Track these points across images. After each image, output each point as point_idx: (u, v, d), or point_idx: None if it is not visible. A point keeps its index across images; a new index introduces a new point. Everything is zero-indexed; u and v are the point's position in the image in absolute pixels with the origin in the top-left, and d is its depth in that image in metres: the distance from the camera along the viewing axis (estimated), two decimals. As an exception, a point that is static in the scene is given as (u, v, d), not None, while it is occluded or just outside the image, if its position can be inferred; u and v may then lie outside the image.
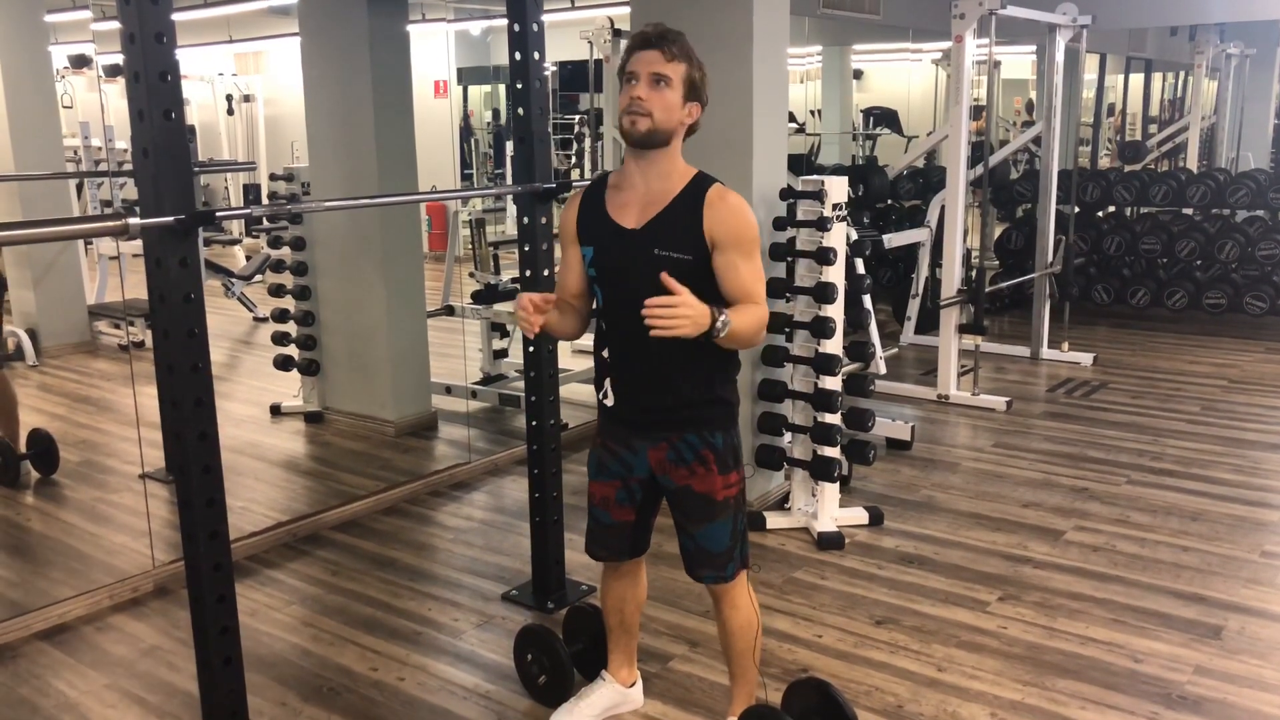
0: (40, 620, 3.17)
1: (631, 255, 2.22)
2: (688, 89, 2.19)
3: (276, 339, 5.35)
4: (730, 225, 2.18)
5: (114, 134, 6.31)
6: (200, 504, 2.31)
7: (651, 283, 2.09)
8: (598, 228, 2.28)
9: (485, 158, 11.37)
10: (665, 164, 2.23)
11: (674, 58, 2.16)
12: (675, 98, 2.17)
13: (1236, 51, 9.85)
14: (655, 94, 2.15)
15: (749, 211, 2.22)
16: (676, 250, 2.18)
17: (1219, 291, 7.08)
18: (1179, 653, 2.95)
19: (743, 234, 2.19)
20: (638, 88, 2.16)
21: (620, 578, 2.56)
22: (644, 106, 2.15)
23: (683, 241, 2.18)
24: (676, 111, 2.18)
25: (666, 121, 2.17)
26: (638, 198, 2.24)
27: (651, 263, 2.17)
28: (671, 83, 2.16)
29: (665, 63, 2.16)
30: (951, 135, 5.59)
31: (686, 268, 2.15)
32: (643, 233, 2.22)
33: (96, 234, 2.30)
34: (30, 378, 5.77)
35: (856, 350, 4.30)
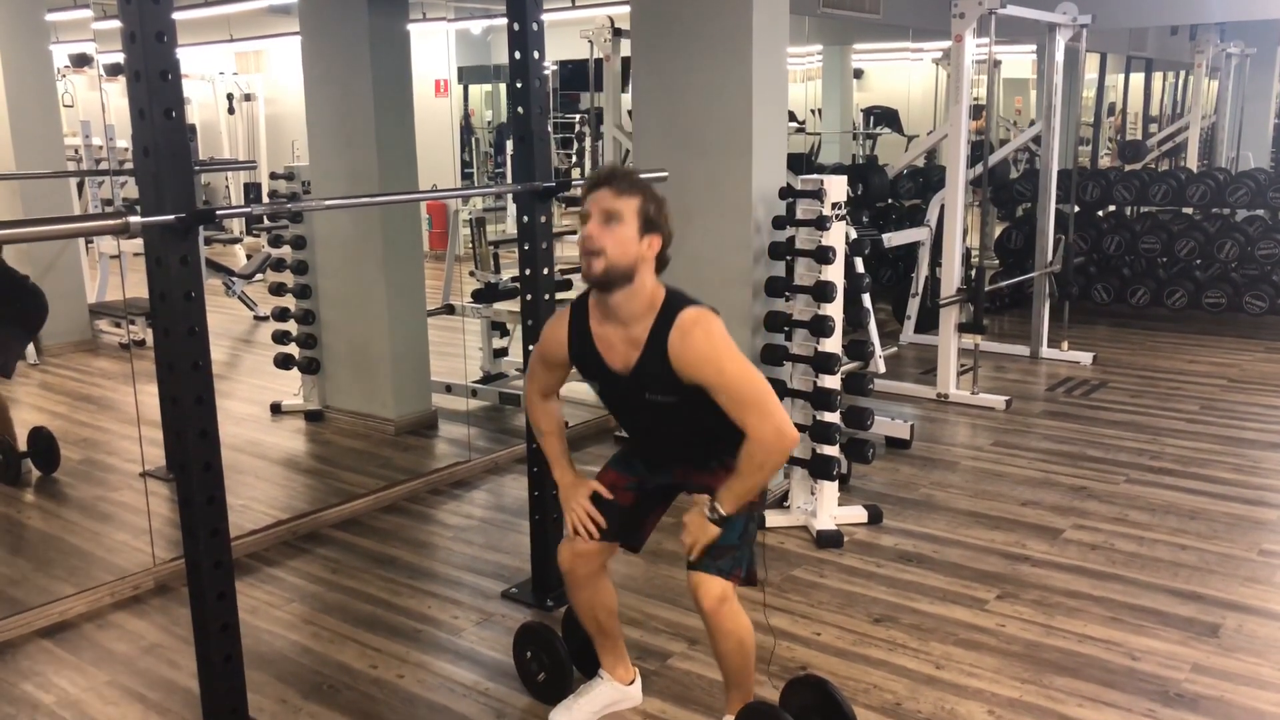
0: (41, 618, 3.18)
1: (627, 395, 2.32)
2: (643, 222, 2.17)
3: (277, 337, 5.36)
4: (697, 368, 2.17)
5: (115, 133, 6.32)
6: (201, 501, 2.32)
7: (654, 414, 2.30)
8: (592, 365, 2.34)
9: (486, 157, 11.38)
10: (634, 304, 2.21)
11: (624, 192, 2.16)
12: (629, 232, 2.16)
13: (1237, 51, 9.85)
14: (607, 231, 2.15)
15: (703, 344, 2.17)
16: (663, 394, 2.25)
17: (1219, 291, 7.09)
18: (1176, 650, 2.96)
19: (702, 371, 2.17)
20: (589, 226, 2.17)
21: (582, 587, 2.54)
22: (595, 244, 2.15)
23: (666, 386, 2.23)
24: (632, 246, 2.16)
25: (622, 258, 2.16)
26: (619, 337, 2.27)
27: (647, 404, 2.29)
28: (623, 217, 2.15)
29: (615, 198, 2.16)
30: (951, 134, 5.60)
31: (678, 406, 2.25)
32: (631, 379, 2.27)
33: (97, 232, 2.31)
34: (31, 376, 5.77)
35: (855, 349, 4.30)
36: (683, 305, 2.21)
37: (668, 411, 2.28)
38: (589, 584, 2.54)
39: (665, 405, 2.26)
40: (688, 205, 4.18)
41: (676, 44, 4.16)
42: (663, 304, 2.22)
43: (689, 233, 4.20)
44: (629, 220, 2.15)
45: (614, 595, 2.63)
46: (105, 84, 5.87)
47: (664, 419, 2.32)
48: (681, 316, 2.18)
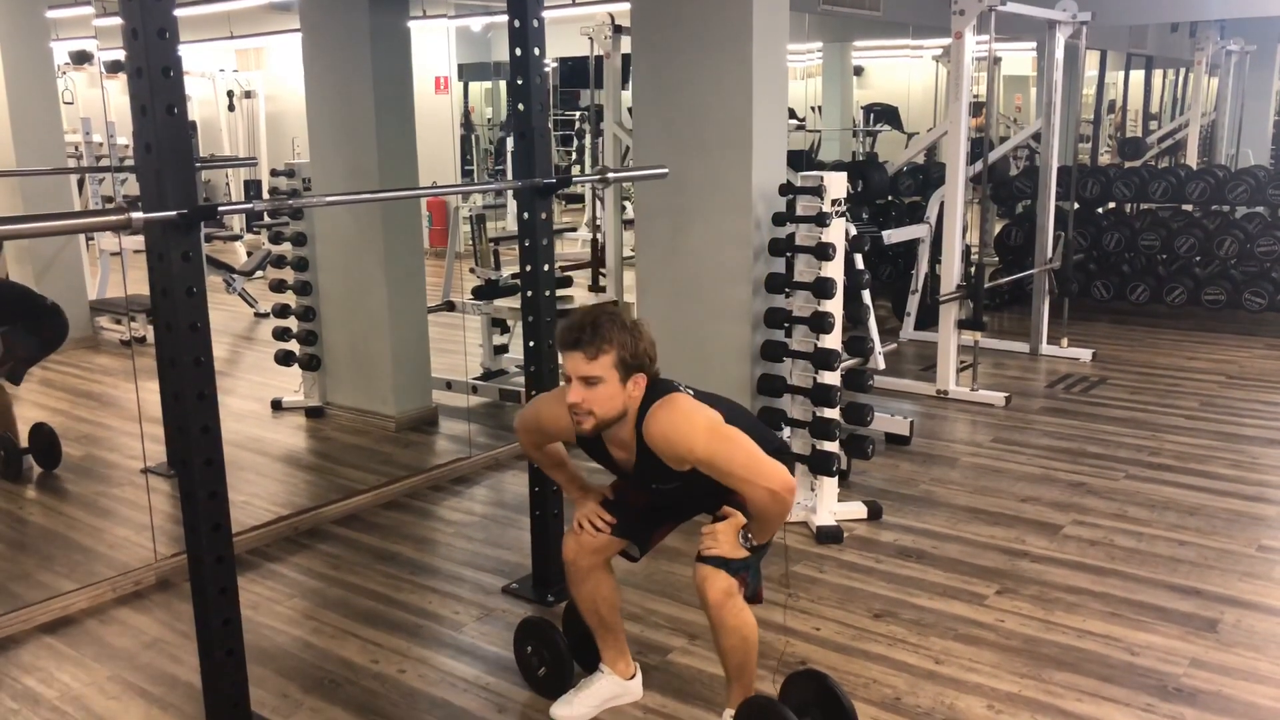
0: (43, 613, 3.19)
1: (638, 486, 2.45)
2: (623, 371, 2.22)
3: (277, 334, 5.37)
4: (677, 454, 2.24)
5: (116, 129, 6.32)
6: (203, 497, 2.33)
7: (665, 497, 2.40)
8: (600, 454, 2.44)
9: (486, 154, 11.37)
10: (623, 430, 2.30)
11: (597, 354, 2.20)
12: (612, 388, 2.22)
13: (1237, 48, 9.84)
14: (591, 394, 2.22)
15: (680, 435, 2.22)
16: (666, 483, 2.34)
17: (1218, 288, 7.09)
18: (1175, 646, 2.97)
19: (691, 456, 2.23)
20: (573, 392, 2.23)
21: (583, 581, 2.58)
22: (583, 409, 2.24)
23: (666, 476, 2.31)
24: (618, 398, 2.24)
25: (611, 410, 2.25)
26: (617, 441, 2.36)
27: (654, 493, 2.38)
28: (603, 378, 2.21)
29: (589, 363, 2.20)
30: (951, 131, 5.60)
31: (685, 486, 2.32)
32: (636, 475, 2.40)
33: (100, 228, 2.32)
34: (32, 373, 5.74)
35: (855, 345, 4.31)
36: (651, 401, 2.27)
37: (679, 493, 2.39)
38: (591, 577, 2.56)
39: (673, 490, 2.37)
40: (688, 202, 4.19)
41: (677, 41, 4.16)
42: (640, 407, 2.29)
43: (689, 230, 4.22)
44: (609, 377, 2.22)
45: (616, 589, 2.65)
46: (106, 81, 5.87)
47: (678, 497, 2.44)
48: (649, 414, 2.26)
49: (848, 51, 10.01)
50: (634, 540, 2.58)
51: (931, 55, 9.96)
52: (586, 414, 2.24)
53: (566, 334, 2.23)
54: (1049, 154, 6.29)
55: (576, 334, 2.21)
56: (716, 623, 2.35)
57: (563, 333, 2.24)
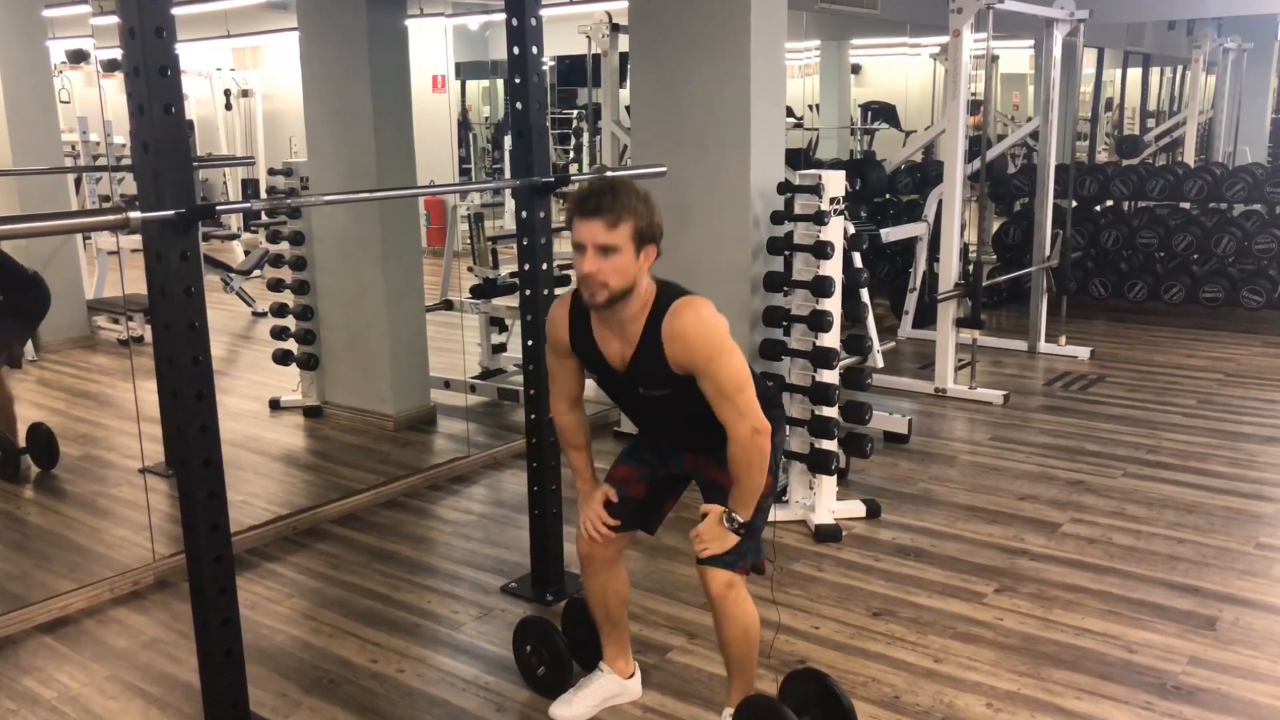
0: (41, 613, 3.18)
1: (625, 390, 2.37)
2: (638, 242, 2.18)
3: (275, 333, 5.36)
4: (683, 358, 2.21)
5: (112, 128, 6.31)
6: (201, 496, 2.33)
7: (650, 406, 2.36)
8: (590, 356, 2.37)
9: (483, 153, 11.36)
10: (631, 307, 2.24)
11: (616, 223, 2.14)
12: (627, 258, 2.17)
13: (1234, 46, 9.85)
14: (606, 264, 2.16)
15: (698, 332, 2.19)
16: (657, 389, 2.29)
17: (1216, 285, 7.10)
18: (1174, 644, 2.97)
19: (694, 360, 2.20)
20: (587, 261, 2.16)
21: (597, 573, 2.58)
22: (598, 279, 2.17)
23: (659, 380, 2.27)
24: (632, 268, 2.19)
25: (624, 282, 2.19)
26: (616, 334, 2.30)
27: (642, 397, 2.33)
28: (620, 248, 2.15)
29: (608, 232, 2.14)
30: (949, 130, 5.60)
31: (672, 396, 2.28)
32: (626, 374, 2.32)
33: (98, 228, 2.31)
34: (29, 373, 5.77)
35: (854, 344, 4.31)
36: (674, 296, 2.24)
37: (663, 403, 2.33)
38: (606, 570, 2.58)
39: (660, 399, 2.31)
40: (686, 201, 4.19)
41: (675, 39, 4.16)
42: (654, 300, 2.24)
43: (687, 228, 4.22)
44: (625, 248, 2.16)
45: (627, 585, 2.66)
46: (102, 80, 5.86)
47: (661, 410, 2.37)
48: (673, 306, 2.22)
49: (845, 49, 10.01)
50: (643, 526, 2.59)
51: (929, 53, 9.96)
52: (601, 285, 2.15)
53: (585, 201, 2.15)
54: (1047, 152, 6.29)
55: (597, 201, 2.13)
56: (719, 613, 2.37)
57: (580, 201, 2.16)
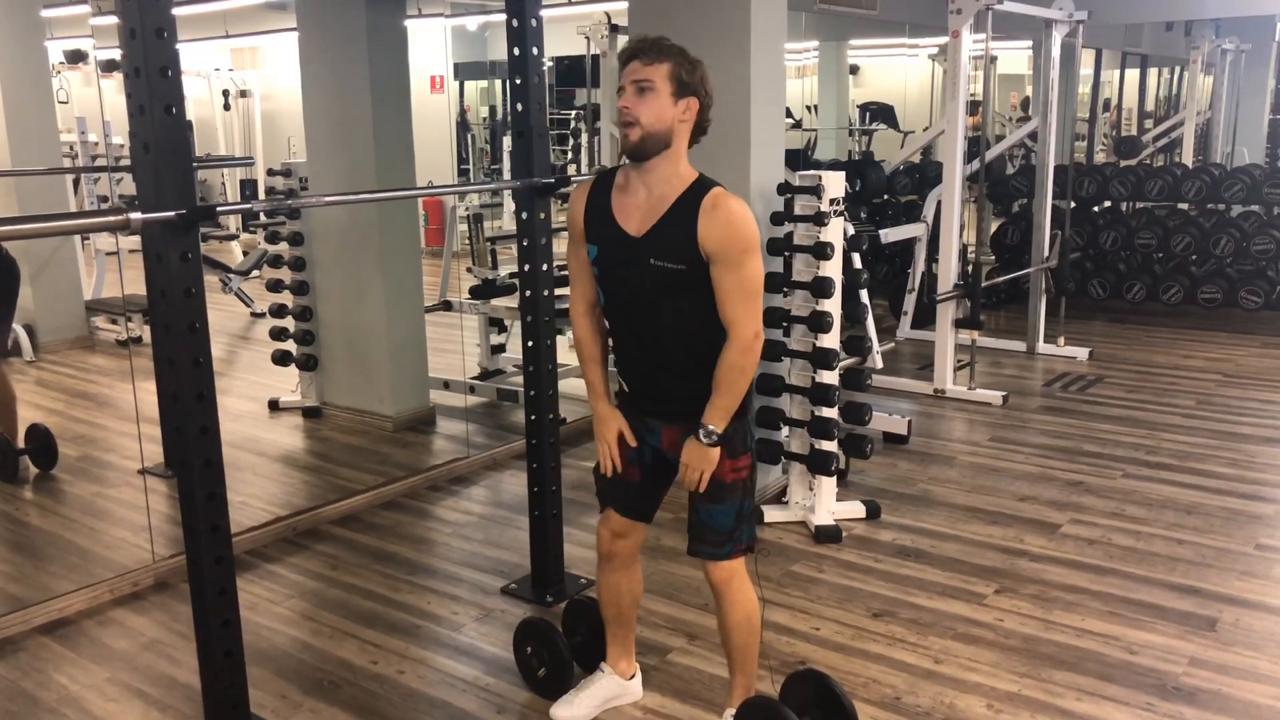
0: (41, 614, 3.18)
1: (631, 261, 2.26)
2: (676, 86, 2.18)
3: (274, 334, 5.35)
4: (719, 236, 2.16)
5: (111, 129, 6.30)
6: (201, 498, 2.33)
7: (648, 289, 2.24)
8: (602, 228, 2.30)
9: (481, 153, 11.36)
10: (666, 169, 2.22)
11: (654, 60, 2.16)
12: (663, 100, 2.17)
13: (1232, 47, 9.85)
14: (641, 101, 2.16)
15: (743, 220, 2.18)
16: (671, 261, 2.21)
17: (1214, 286, 7.11)
18: (1174, 644, 2.97)
19: (730, 246, 2.16)
20: (624, 98, 2.18)
21: (615, 570, 2.58)
22: (631, 114, 2.17)
23: (678, 252, 2.20)
24: (668, 112, 2.18)
25: (658, 124, 2.17)
26: (640, 203, 2.25)
27: (649, 271, 2.23)
28: (655, 86, 2.16)
29: (645, 68, 2.16)
30: (948, 130, 5.61)
31: (681, 277, 2.21)
32: (642, 241, 2.23)
33: (99, 229, 2.31)
34: (28, 373, 5.76)
35: (854, 345, 4.31)
36: (715, 184, 2.23)
37: (663, 289, 2.23)
38: (624, 567, 2.58)
39: (664, 280, 2.22)
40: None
41: (674, 39, 4.15)
42: (696, 180, 2.23)
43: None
44: (661, 87, 2.17)
45: (642, 586, 2.66)
46: (101, 80, 5.85)
47: (656, 303, 2.26)
48: (716, 190, 2.21)
49: (844, 50, 10.01)
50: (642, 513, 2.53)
51: (927, 54, 9.96)
52: (633, 122, 2.16)
53: (629, 46, 2.21)
54: (1045, 153, 6.29)
55: (639, 43, 2.19)
56: (722, 598, 2.38)
57: (626, 47, 2.22)
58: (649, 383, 2.39)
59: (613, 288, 2.33)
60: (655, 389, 2.38)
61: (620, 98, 2.20)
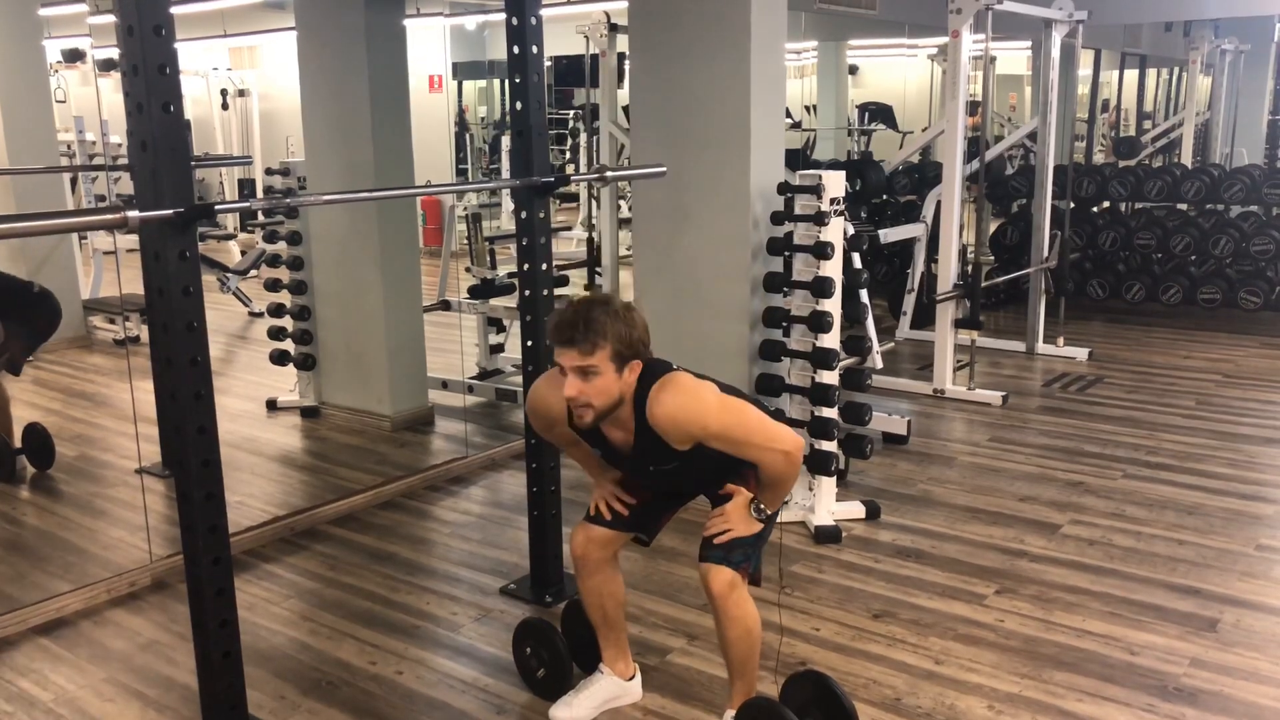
0: (37, 615, 3.16)
1: (635, 468, 2.43)
2: (618, 361, 2.20)
3: (272, 334, 5.34)
4: (683, 435, 2.24)
5: (109, 128, 6.28)
6: (199, 498, 2.32)
7: (662, 479, 2.41)
8: (594, 439, 2.40)
9: (480, 153, 11.35)
10: (622, 412, 2.28)
11: (592, 350, 2.16)
12: (608, 379, 2.20)
13: (1231, 47, 9.86)
14: (588, 387, 2.19)
15: (685, 410, 2.22)
16: (666, 464, 2.31)
17: (1214, 286, 7.10)
18: (1175, 645, 2.97)
19: (694, 434, 2.23)
20: (568, 385, 2.20)
21: (591, 575, 2.58)
22: (581, 401, 2.21)
23: (666, 457, 2.29)
24: (615, 387, 2.21)
25: (609, 400, 2.22)
26: (614, 424, 2.31)
27: (655, 474, 2.37)
28: (598, 369, 2.18)
29: (584, 358, 2.17)
30: (948, 130, 5.60)
31: (683, 468, 2.32)
32: (635, 456, 2.36)
33: (96, 227, 2.30)
34: (25, 373, 5.72)
35: (853, 345, 4.30)
36: (651, 382, 2.25)
37: (676, 472, 2.36)
38: (600, 571, 2.57)
39: (672, 470, 2.34)
40: (686, 201, 4.18)
41: (674, 39, 4.15)
42: (635, 389, 2.26)
43: (687, 229, 4.21)
44: (605, 368, 2.19)
45: (623, 587, 2.65)
46: (99, 79, 5.84)
47: (675, 478, 2.42)
48: (650, 396, 2.24)
49: (843, 50, 10.00)
50: (642, 530, 2.60)
51: (926, 54, 9.95)
52: (584, 406, 2.21)
53: (559, 332, 2.19)
54: (1045, 153, 6.29)
55: (570, 333, 2.17)
56: (721, 613, 2.37)
57: (555, 330, 2.20)
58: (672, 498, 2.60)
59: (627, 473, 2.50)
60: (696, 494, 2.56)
61: (562, 374, 2.21)
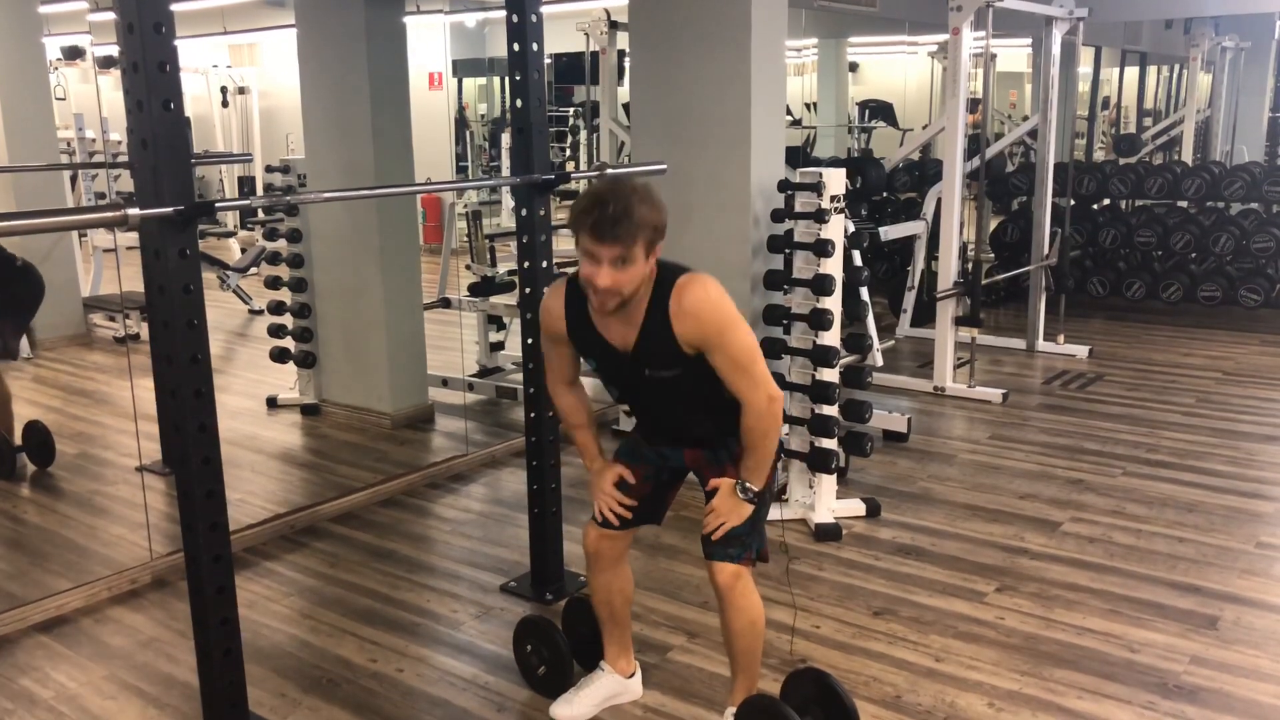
0: (38, 612, 3.17)
1: (629, 373, 2.32)
2: (648, 247, 2.15)
3: (273, 331, 5.35)
4: (693, 330, 2.18)
5: (109, 125, 6.28)
6: (200, 496, 2.32)
7: (654, 389, 2.32)
8: (590, 341, 2.33)
9: (480, 150, 11.35)
10: (633, 301, 2.22)
11: (632, 241, 2.10)
12: (639, 266, 2.15)
13: (1232, 45, 9.85)
14: (623, 275, 2.13)
15: (709, 304, 2.18)
16: (665, 369, 2.25)
17: (1214, 284, 7.10)
18: (1175, 643, 2.97)
19: (706, 335, 2.19)
20: (602, 275, 2.11)
21: (603, 571, 2.57)
22: (614, 290, 2.14)
23: (667, 360, 2.24)
24: (643, 269, 2.16)
25: (637, 284, 2.17)
26: (618, 318, 2.25)
27: (649, 379, 2.29)
28: (634, 258, 2.12)
29: (625, 248, 2.10)
30: (949, 128, 5.60)
31: (680, 378, 2.26)
32: (632, 356, 2.28)
33: (96, 224, 2.30)
34: (25, 370, 5.75)
35: (854, 342, 4.30)
36: (676, 275, 2.23)
37: (668, 386, 2.29)
38: (612, 567, 2.57)
39: (666, 380, 2.27)
40: (686, 199, 4.18)
41: (674, 37, 4.15)
42: (656, 280, 2.22)
43: (688, 226, 4.21)
44: (637, 257, 2.13)
45: (632, 584, 2.65)
46: (99, 76, 5.84)
47: (664, 394, 2.34)
48: (678, 285, 2.20)
49: (843, 47, 10.00)
50: (649, 520, 2.57)
51: (927, 52, 9.95)
52: (615, 295, 2.14)
53: (600, 227, 2.08)
54: (1045, 150, 6.28)
55: (614, 229, 2.07)
56: (726, 604, 2.37)
57: (595, 226, 2.08)
58: (664, 434, 2.46)
59: (620, 387, 2.42)
60: (671, 437, 2.45)
61: (593, 265, 2.12)
